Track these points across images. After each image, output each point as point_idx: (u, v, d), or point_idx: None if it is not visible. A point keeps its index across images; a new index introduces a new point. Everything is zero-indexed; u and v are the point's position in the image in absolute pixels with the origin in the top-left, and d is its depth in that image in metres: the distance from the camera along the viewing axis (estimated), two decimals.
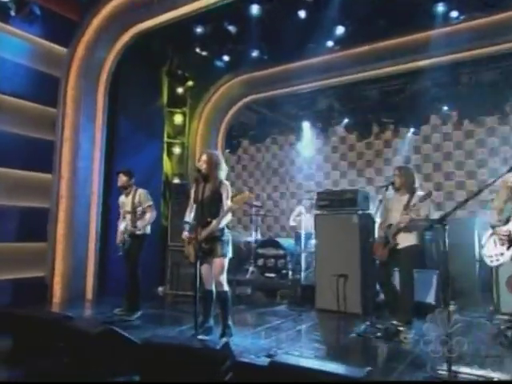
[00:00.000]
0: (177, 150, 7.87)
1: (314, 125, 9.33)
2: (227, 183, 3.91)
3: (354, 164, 9.80)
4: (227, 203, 3.80)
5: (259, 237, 8.00)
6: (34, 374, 3.03)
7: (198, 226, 3.74)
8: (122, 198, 5.07)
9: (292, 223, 7.51)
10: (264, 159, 11.03)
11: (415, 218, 4.00)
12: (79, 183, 6.03)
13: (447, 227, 2.84)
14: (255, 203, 8.17)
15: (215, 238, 3.82)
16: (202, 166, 3.89)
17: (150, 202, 4.96)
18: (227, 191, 3.85)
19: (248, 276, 7.21)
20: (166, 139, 7.63)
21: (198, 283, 3.72)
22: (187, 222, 3.97)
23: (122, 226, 5.00)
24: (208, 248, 3.78)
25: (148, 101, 7.22)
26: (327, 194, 5.89)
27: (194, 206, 3.96)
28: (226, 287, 3.95)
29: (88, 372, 2.90)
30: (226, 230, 3.89)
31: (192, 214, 4.00)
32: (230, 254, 3.90)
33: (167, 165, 7.69)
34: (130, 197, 4.96)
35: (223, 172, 3.95)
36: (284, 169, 10.77)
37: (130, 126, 6.76)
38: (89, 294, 6.03)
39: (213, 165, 3.88)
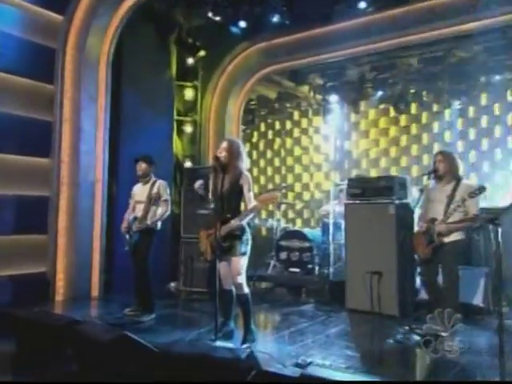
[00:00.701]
0: (188, 128, 7.95)
1: (344, 98, 9.22)
2: (248, 174, 3.96)
3: (387, 150, 9.65)
4: (249, 197, 3.88)
5: (282, 224, 8.06)
6: None
7: (217, 221, 3.80)
8: (138, 187, 5.17)
9: (322, 212, 7.50)
10: (284, 142, 11.04)
11: (455, 223, 4.03)
12: (82, 168, 6.11)
13: (500, 228, 2.77)
14: (285, 201, 8.27)
15: (235, 237, 3.90)
16: (222, 154, 3.95)
17: (167, 197, 5.07)
18: (248, 183, 3.91)
19: (270, 271, 7.29)
20: (175, 117, 7.72)
21: (217, 283, 3.83)
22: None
23: (129, 216, 5.12)
24: (227, 246, 3.87)
25: (155, 74, 7.25)
26: (359, 180, 5.89)
27: (213, 198, 4.04)
28: (245, 289, 4.04)
29: None
30: (247, 229, 3.97)
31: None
32: (248, 252, 4.01)
33: (178, 145, 7.81)
34: (148, 186, 5.06)
35: (244, 163, 4.00)
36: (308, 155, 10.70)
37: (136, 102, 6.84)
38: (95, 292, 6.19)
39: (233, 153, 3.94)
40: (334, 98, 9.32)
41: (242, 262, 3.95)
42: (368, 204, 5.56)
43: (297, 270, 7.05)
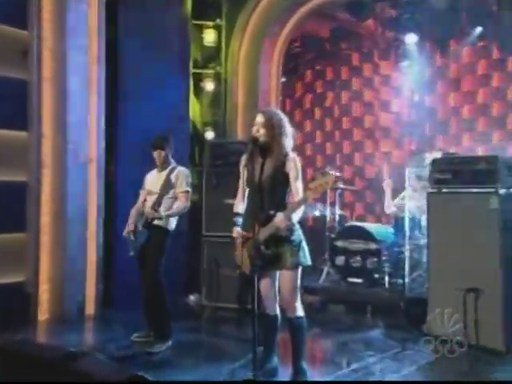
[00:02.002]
0: (209, 85, 8.07)
1: (426, 36, 8.99)
2: (296, 157, 4.03)
3: (487, 107, 9.20)
4: (297, 188, 3.95)
5: (337, 212, 8.06)
6: None
7: (255, 222, 3.86)
8: (153, 174, 5.45)
9: (391, 209, 7.45)
10: (339, 96, 10.93)
11: None
12: (69, 145, 6.20)
13: None
14: (343, 186, 8.24)
15: (282, 240, 3.96)
16: (259, 131, 4.02)
17: (187, 188, 5.33)
18: (296, 169, 3.99)
19: (321, 281, 7.31)
20: (192, 69, 7.78)
21: (255, 304, 3.77)
22: (239, 214, 4.16)
23: (137, 212, 5.35)
24: (271, 254, 3.93)
25: (164, 11, 7.25)
26: (448, 161, 5.79)
27: (248, 190, 4.15)
28: (300, 311, 4.12)
29: None
30: (299, 229, 4.04)
31: (244, 203, 4.20)
32: (307, 261, 4.10)
33: (195, 109, 7.90)
34: (165, 173, 5.34)
35: (289, 139, 4.08)
36: (373, 115, 10.56)
37: (139, 52, 6.88)
38: (90, 308, 6.31)
39: (274, 129, 4.00)
40: (411, 37, 9.12)
41: (295, 276, 4.04)
42: (460, 193, 5.54)
43: (359, 280, 7.10)
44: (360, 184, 10.51)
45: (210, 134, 7.90)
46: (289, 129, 4.10)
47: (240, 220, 4.16)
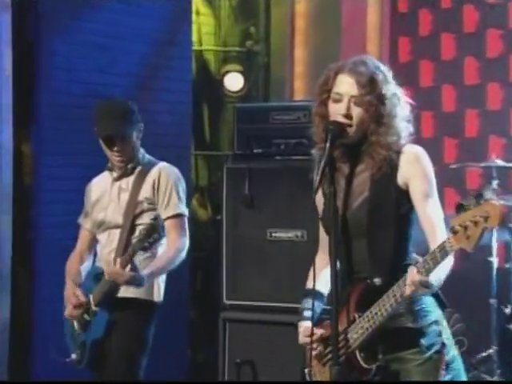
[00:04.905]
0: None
1: None
2: (420, 152, 2.82)
3: None
4: (430, 218, 2.76)
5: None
6: None
7: (345, 304, 2.81)
8: (106, 183, 4.22)
9: None
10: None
11: None
12: None
13: None
14: None
15: (403, 342, 2.82)
16: (348, 112, 2.79)
17: (181, 208, 4.00)
18: (425, 177, 2.78)
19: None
20: None
21: None
22: (314, 294, 2.89)
23: (85, 265, 4.16)
24: (388, 371, 2.86)
25: None
26: None
27: (329, 237, 2.86)
28: None
29: None
30: (439, 316, 2.80)
31: (325, 264, 2.90)
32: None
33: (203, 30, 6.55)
34: (131, 181, 4.10)
35: (404, 120, 2.85)
36: None
37: None
38: None
39: (382, 105, 2.79)
40: None
41: None
42: None
43: None
44: None
45: (235, 84, 6.09)
46: (403, 101, 2.81)
47: (317, 305, 2.84)
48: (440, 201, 2.81)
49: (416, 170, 2.77)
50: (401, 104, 2.81)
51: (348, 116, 2.70)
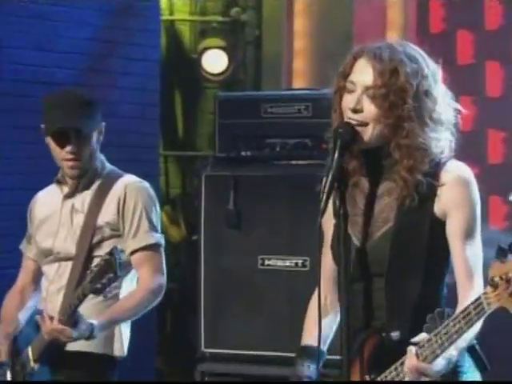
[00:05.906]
0: None
1: None
2: (463, 169, 2.45)
3: None
4: (467, 255, 2.52)
5: None
6: None
7: (360, 362, 2.53)
8: (53, 202, 3.60)
9: None
10: None
11: None
12: None
13: None
14: None
15: None
16: (362, 111, 2.46)
17: (155, 236, 3.41)
18: (468, 206, 2.53)
19: None
20: None
21: None
22: (310, 351, 2.62)
23: (29, 305, 3.50)
24: None
25: None
26: None
27: (339, 275, 2.68)
28: None
29: None
30: (473, 373, 2.50)
31: (333, 314, 2.68)
32: None
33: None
34: (88, 199, 3.52)
35: (444, 125, 2.41)
36: None
37: None
38: None
39: (397, 105, 2.40)
40: None
41: None
42: None
43: None
44: None
45: (216, 65, 5.55)
46: (443, 90, 2.34)
47: (312, 368, 2.45)
48: (483, 213, 2.38)
49: (461, 197, 2.39)
50: (439, 109, 2.34)
51: (357, 111, 2.30)
